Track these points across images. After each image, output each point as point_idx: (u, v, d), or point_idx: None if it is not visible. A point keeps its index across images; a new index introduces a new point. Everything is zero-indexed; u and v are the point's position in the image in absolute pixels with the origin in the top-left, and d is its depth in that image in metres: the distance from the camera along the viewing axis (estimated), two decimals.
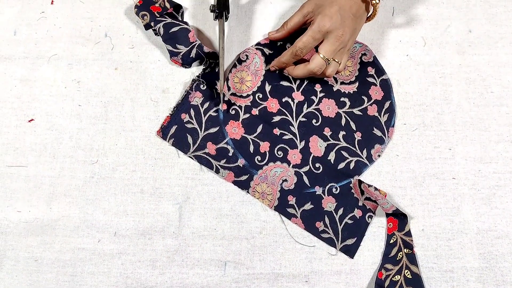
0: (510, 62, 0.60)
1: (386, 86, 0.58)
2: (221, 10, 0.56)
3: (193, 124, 0.55)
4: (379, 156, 0.55)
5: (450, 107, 0.58)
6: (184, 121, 0.55)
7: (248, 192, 0.53)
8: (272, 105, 0.57)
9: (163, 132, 0.55)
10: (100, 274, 0.50)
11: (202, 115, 0.56)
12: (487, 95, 0.58)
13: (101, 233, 0.52)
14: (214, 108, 0.56)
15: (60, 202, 0.53)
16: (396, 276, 0.50)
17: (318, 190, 0.54)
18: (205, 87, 0.56)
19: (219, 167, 0.54)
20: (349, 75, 0.59)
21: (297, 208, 0.53)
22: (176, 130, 0.55)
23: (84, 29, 0.60)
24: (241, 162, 0.54)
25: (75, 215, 0.52)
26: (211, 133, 0.55)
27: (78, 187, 0.53)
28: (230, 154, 0.55)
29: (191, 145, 0.55)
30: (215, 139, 0.55)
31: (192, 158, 0.54)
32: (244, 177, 0.54)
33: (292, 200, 0.53)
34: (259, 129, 0.56)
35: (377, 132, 0.56)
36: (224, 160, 0.54)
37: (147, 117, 0.56)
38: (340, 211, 0.53)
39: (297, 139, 0.56)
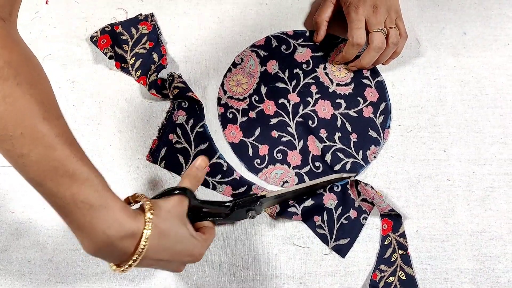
0: (504, 64, 0.60)
1: (381, 88, 0.59)
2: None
3: (182, 143, 0.55)
4: (374, 157, 0.55)
5: (445, 108, 0.58)
6: (173, 141, 0.55)
7: None
8: (269, 107, 0.57)
9: (153, 156, 0.54)
10: (94, 275, 0.50)
11: (189, 133, 0.55)
12: (481, 97, 0.58)
13: None
14: (200, 124, 0.55)
15: None
16: (391, 278, 0.50)
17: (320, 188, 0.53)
18: (186, 104, 0.56)
19: (215, 183, 0.53)
20: (345, 76, 0.59)
21: (297, 206, 0.52)
22: (166, 152, 0.54)
23: (79, 29, 0.60)
24: (237, 174, 0.54)
25: None
26: (201, 150, 0.55)
27: None
28: (225, 168, 0.54)
29: (184, 165, 0.54)
30: (206, 155, 0.54)
31: None
32: (242, 189, 0.53)
33: (292, 202, 0.53)
34: (257, 132, 0.56)
35: (372, 133, 0.56)
36: (220, 176, 0.54)
37: (142, 117, 0.56)
38: (339, 210, 0.53)
39: (295, 139, 0.56)
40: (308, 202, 0.52)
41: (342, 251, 0.51)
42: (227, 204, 0.46)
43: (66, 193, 0.34)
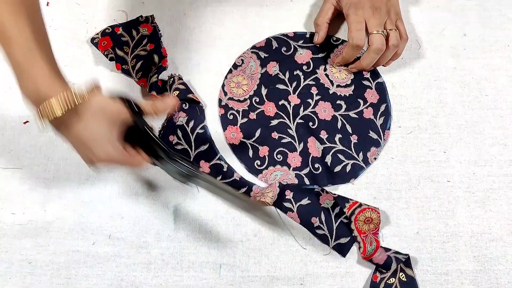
0: (504, 66, 0.60)
1: (382, 89, 0.59)
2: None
3: (182, 144, 0.55)
4: (375, 159, 0.56)
5: (445, 110, 0.58)
6: (173, 143, 0.55)
7: None
8: (269, 108, 0.57)
9: None
10: (95, 277, 0.50)
11: (190, 134, 0.55)
12: (481, 98, 0.58)
13: (95, 236, 0.52)
14: (200, 125, 0.56)
15: (55, 204, 0.53)
16: (391, 279, 0.50)
17: (318, 188, 0.53)
18: (187, 105, 0.56)
19: None
20: (345, 78, 0.59)
21: (293, 203, 0.52)
22: None
23: (80, 31, 0.60)
24: (237, 175, 0.54)
25: (69, 217, 0.52)
26: (202, 151, 0.55)
27: (72, 189, 0.53)
28: (225, 169, 0.54)
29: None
30: (207, 156, 0.54)
31: None
32: (242, 190, 0.53)
33: (289, 194, 0.53)
34: (257, 134, 0.56)
35: (373, 135, 0.56)
36: (220, 177, 0.54)
37: None
38: (337, 210, 0.53)
39: (295, 141, 0.56)
40: (305, 201, 0.52)
41: (343, 250, 0.51)
42: (167, 150, 0.45)
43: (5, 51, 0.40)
